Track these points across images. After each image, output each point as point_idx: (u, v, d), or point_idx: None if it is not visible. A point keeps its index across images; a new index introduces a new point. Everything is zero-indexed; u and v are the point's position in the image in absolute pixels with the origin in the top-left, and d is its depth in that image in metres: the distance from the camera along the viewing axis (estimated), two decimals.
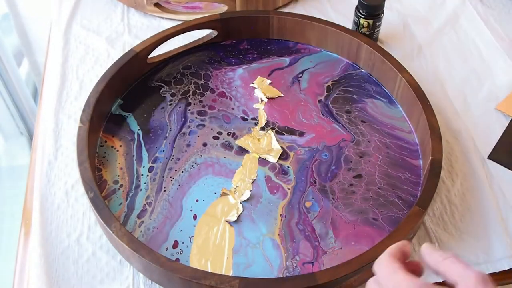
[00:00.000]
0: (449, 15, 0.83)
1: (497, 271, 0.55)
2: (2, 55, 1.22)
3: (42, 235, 0.56)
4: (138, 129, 0.64)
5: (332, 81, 0.70)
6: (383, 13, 0.73)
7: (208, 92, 0.69)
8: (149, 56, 0.70)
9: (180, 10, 0.81)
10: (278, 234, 0.55)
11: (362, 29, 0.74)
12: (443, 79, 0.74)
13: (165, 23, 0.80)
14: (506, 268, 0.55)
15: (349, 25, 0.75)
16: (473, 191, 0.61)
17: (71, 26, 0.80)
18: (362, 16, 0.72)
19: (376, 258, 0.49)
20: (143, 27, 0.80)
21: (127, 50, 0.70)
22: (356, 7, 0.73)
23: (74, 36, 0.79)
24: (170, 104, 0.67)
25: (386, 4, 0.73)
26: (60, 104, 0.69)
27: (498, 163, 0.64)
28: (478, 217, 0.59)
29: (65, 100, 0.70)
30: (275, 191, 0.59)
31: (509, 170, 0.63)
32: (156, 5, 0.80)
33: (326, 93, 0.69)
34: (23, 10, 1.15)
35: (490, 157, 0.64)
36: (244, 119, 0.66)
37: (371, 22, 0.73)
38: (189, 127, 0.65)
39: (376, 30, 0.74)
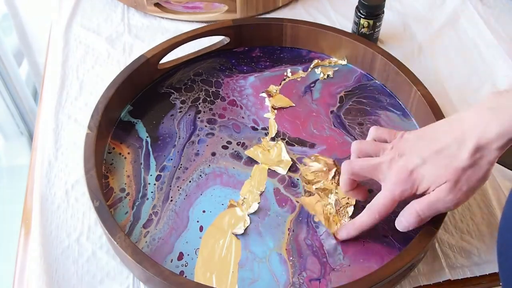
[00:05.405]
0: (449, 15, 0.83)
1: (497, 271, 0.53)
2: (2, 55, 1.22)
3: (42, 235, 0.56)
4: (147, 136, 0.64)
5: (345, 92, 0.69)
6: (383, 13, 0.73)
7: (219, 100, 0.68)
8: (160, 62, 0.69)
9: (181, 10, 0.81)
10: (286, 249, 0.54)
11: (362, 29, 0.73)
12: (443, 79, 0.73)
13: (165, 23, 0.80)
14: None
15: (349, 25, 0.76)
16: None
17: (71, 26, 0.80)
18: (362, 16, 0.72)
19: (386, 278, 0.48)
20: (143, 27, 0.80)
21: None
22: (356, 7, 0.73)
23: (74, 36, 0.78)
24: (180, 112, 0.66)
25: (386, 4, 0.73)
26: (60, 104, 0.69)
27: (498, 163, 0.62)
28: (478, 217, 0.59)
29: (65, 100, 0.69)
30: (284, 204, 0.58)
31: (509, 170, 0.62)
32: (156, 5, 0.79)
33: (338, 104, 0.68)
34: (23, 10, 1.16)
35: None
36: (254, 128, 0.65)
37: (371, 22, 0.72)
38: (198, 135, 0.64)
39: (376, 30, 0.74)
